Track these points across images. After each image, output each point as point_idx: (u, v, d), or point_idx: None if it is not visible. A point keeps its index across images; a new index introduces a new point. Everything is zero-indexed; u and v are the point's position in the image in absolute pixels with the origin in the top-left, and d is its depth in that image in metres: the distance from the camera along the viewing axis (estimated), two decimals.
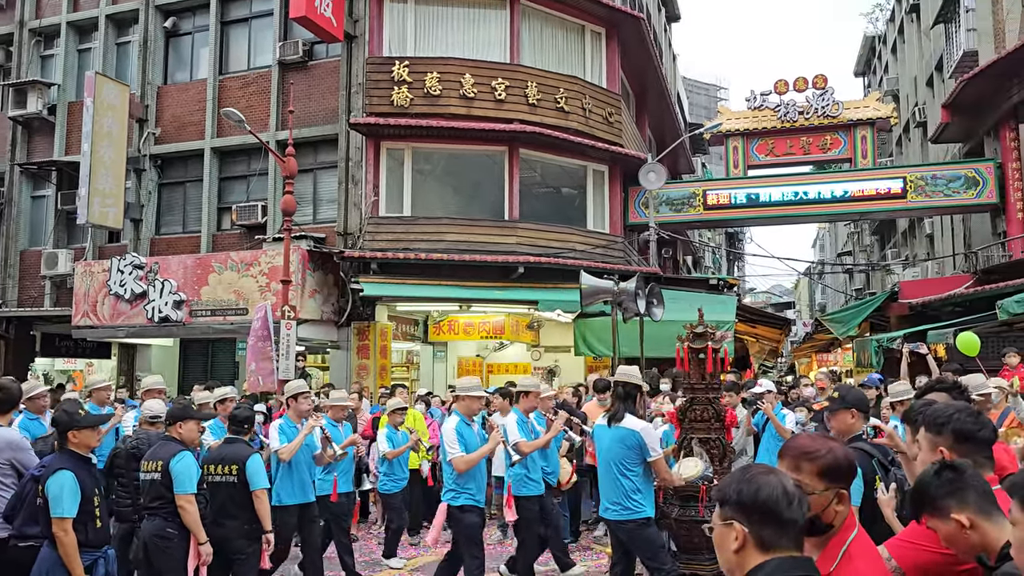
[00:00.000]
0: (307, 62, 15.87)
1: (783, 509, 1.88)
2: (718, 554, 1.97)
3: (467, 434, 6.20)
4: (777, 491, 1.89)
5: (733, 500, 1.93)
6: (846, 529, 2.28)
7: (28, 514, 4.90)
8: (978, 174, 16.39)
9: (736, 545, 1.89)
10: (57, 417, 4.94)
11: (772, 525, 1.88)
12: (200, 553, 5.32)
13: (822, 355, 28.05)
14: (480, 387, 6.55)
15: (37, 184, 18.43)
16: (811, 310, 58.13)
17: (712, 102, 47.52)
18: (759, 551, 1.88)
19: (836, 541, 2.26)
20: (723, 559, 1.96)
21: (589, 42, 17.04)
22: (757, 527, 1.88)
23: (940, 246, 23.10)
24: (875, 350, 13.93)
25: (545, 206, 16.72)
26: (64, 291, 16.76)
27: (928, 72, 23.79)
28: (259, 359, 12.36)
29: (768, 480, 1.92)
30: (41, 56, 18.77)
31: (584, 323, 14.05)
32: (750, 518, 1.89)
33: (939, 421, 2.80)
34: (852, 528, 2.28)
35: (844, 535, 2.26)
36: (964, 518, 2.24)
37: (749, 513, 1.89)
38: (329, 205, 15.71)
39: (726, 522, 1.92)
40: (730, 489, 1.95)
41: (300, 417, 6.90)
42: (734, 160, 19.07)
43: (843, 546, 2.23)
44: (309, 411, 6.99)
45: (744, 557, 1.89)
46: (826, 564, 2.21)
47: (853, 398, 4.26)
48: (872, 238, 34.92)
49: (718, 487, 2.02)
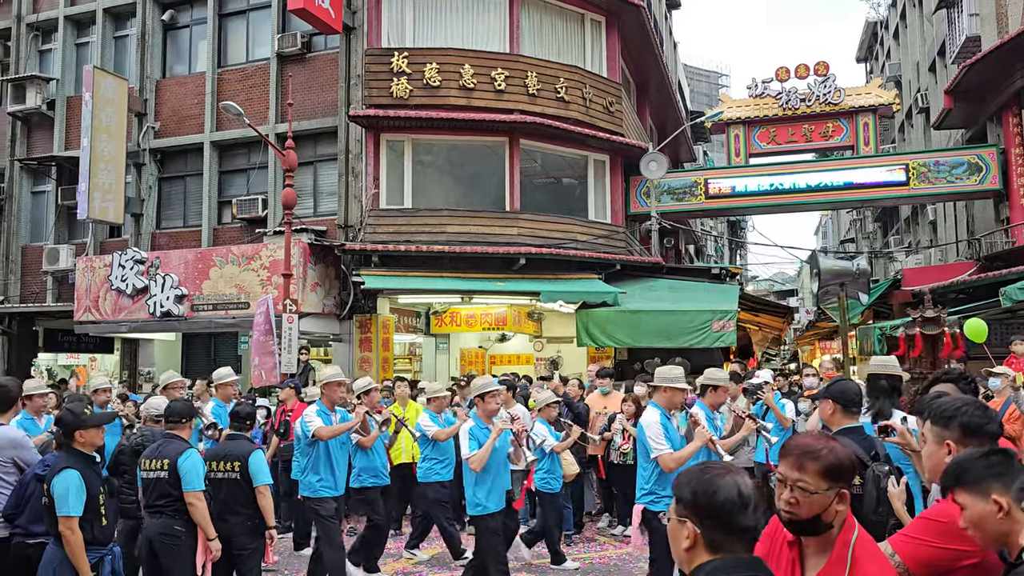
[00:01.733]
0: (306, 54, 15.81)
1: (736, 515, 1.87)
2: (671, 546, 1.99)
3: (670, 428, 5.65)
4: (732, 496, 1.88)
5: (688, 500, 1.92)
6: (847, 529, 2.27)
7: (33, 513, 4.91)
8: (981, 160, 16.31)
9: (687, 543, 1.90)
10: (63, 417, 4.94)
11: (724, 529, 1.87)
12: (210, 549, 5.34)
13: (825, 343, 28.03)
14: (681, 379, 5.83)
15: (37, 179, 18.41)
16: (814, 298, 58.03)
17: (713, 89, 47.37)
18: (708, 551, 1.88)
19: (841, 542, 2.25)
20: (674, 551, 1.98)
21: (589, 31, 16.95)
22: (709, 530, 1.88)
23: (943, 233, 23.02)
24: (878, 338, 13.88)
25: (546, 197, 16.68)
26: (66, 286, 16.77)
27: (930, 57, 23.66)
28: (262, 353, 12.36)
29: (724, 483, 1.90)
30: (39, 51, 18.71)
31: (586, 314, 14.03)
32: (703, 521, 1.89)
33: (946, 414, 2.77)
34: (853, 527, 2.28)
35: (847, 535, 2.26)
36: (1005, 501, 2.21)
37: (702, 516, 1.89)
38: (329, 198, 15.67)
39: (680, 519, 1.93)
40: (686, 488, 1.94)
41: (490, 417, 6.38)
42: (736, 148, 18.99)
43: (848, 547, 2.22)
44: (496, 410, 6.48)
45: (693, 555, 1.90)
46: (838, 569, 2.19)
47: (835, 390, 4.20)
48: (875, 225, 34.83)
49: (676, 482, 2.00)
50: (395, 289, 14.41)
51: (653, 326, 13.80)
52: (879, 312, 17.88)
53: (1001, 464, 2.28)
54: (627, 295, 14.43)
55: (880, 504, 3.77)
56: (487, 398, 6.33)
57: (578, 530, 9.55)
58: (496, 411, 6.41)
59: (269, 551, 5.93)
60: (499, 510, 6.25)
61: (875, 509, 3.77)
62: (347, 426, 6.91)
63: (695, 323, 13.48)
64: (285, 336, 12.24)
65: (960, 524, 2.32)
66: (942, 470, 2.68)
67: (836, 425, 4.17)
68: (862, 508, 3.76)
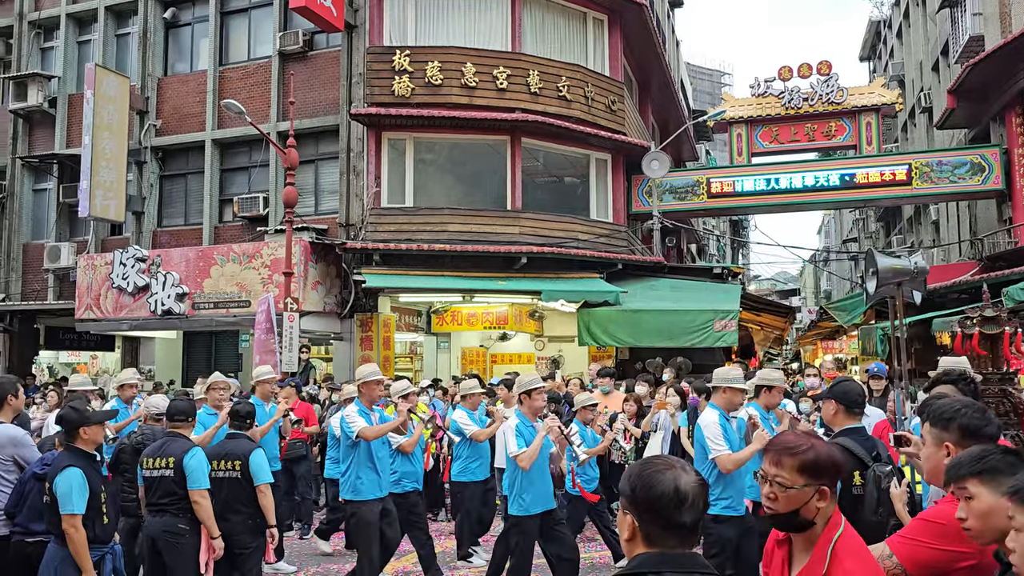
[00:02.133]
0: (307, 52, 15.80)
1: (671, 511, 1.89)
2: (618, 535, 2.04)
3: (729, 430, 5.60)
4: (668, 492, 1.90)
5: (628, 493, 1.96)
6: (832, 527, 2.28)
7: (34, 512, 4.91)
8: (984, 160, 16.27)
9: (627, 535, 1.95)
10: (65, 414, 4.93)
11: (659, 524, 1.90)
12: (213, 547, 5.35)
13: (827, 343, 27.99)
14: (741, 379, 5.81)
15: (39, 177, 18.42)
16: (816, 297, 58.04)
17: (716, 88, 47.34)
18: (644, 544, 1.93)
19: (823, 540, 2.27)
20: (621, 542, 2.02)
21: (591, 29, 16.92)
22: (645, 524, 1.92)
23: (946, 233, 22.98)
24: (880, 338, 13.87)
25: (548, 195, 16.66)
26: (67, 284, 16.77)
27: (934, 57, 23.61)
28: (263, 352, 12.35)
29: (662, 479, 1.92)
30: (41, 48, 18.72)
31: (588, 313, 14.02)
32: (640, 515, 1.92)
33: (945, 416, 2.76)
34: (838, 526, 2.28)
35: (830, 533, 2.27)
36: None
37: (640, 510, 1.92)
38: (331, 196, 15.66)
39: (623, 511, 1.97)
40: (627, 482, 1.97)
41: (535, 414, 6.28)
42: (738, 147, 18.97)
43: (830, 545, 2.23)
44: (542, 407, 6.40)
45: (632, 547, 1.95)
46: (817, 566, 2.19)
47: (839, 390, 4.20)
48: (877, 225, 34.78)
49: (623, 475, 2.03)
50: (396, 288, 14.40)
51: (654, 325, 13.79)
52: (881, 312, 17.83)
53: (1017, 464, 2.28)
54: (629, 294, 14.41)
55: (881, 505, 3.76)
56: (533, 395, 6.19)
57: (579, 529, 9.53)
58: (542, 408, 6.31)
59: (270, 550, 5.93)
60: (540, 512, 6.05)
61: (875, 510, 3.76)
62: (391, 426, 6.63)
63: (697, 323, 13.47)
64: (286, 334, 12.24)
65: (959, 514, 2.30)
66: (940, 471, 2.66)
67: (838, 425, 4.16)
68: (863, 509, 3.76)
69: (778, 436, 2.44)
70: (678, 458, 2.08)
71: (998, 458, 2.30)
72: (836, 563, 2.19)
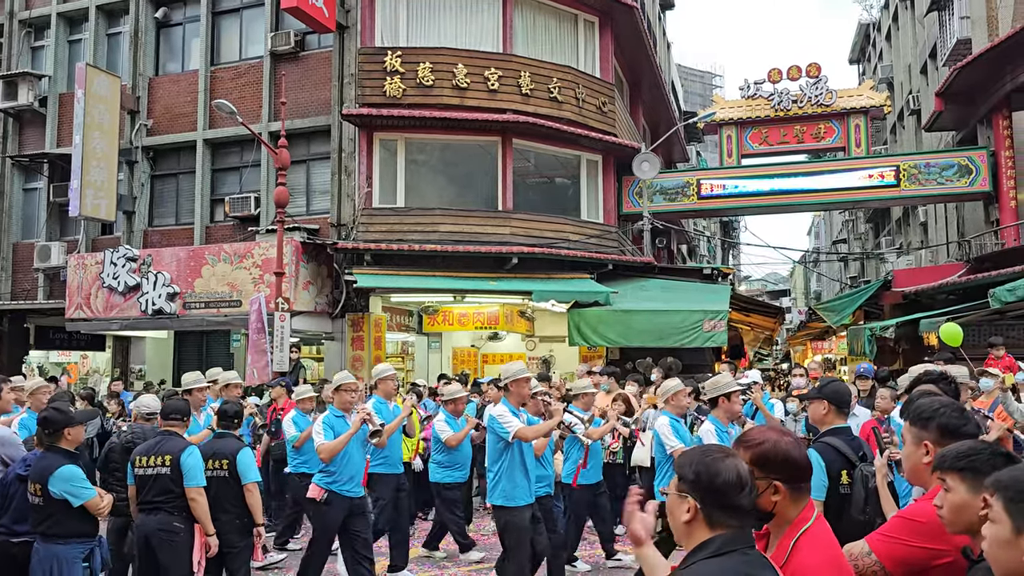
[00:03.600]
0: (299, 53, 15.81)
1: (735, 495, 2.04)
2: (669, 517, 2.15)
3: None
4: (732, 478, 2.05)
5: (690, 479, 2.07)
6: (800, 522, 2.34)
7: (17, 513, 4.95)
8: (971, 162, 16.41)
9: (687, 517, 2.06)
10: (50, 415, 4.98)
11: (722, 507, 2.03)
12: (209, 544, 5.40)
13: (817, 343, 28.16)
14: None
15: (29, 176, 18.37)
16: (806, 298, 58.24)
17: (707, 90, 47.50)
18: (706, 526, 2.04)
19: (788, 533, 2.34)
20: (673, 524, 2.13)
21: (582, 31, 16.98)
22: (708, 507, 2.04)
23: (934, 234, 23.14)
24: (868, 339, 13.98)
25: (539, 196, 16.71)
26: (58, 284, 16.72)
27: (922, 60, 23.78)
28: (254, 352, 12.36)
29: (726, 465, 2.06)
30: (31, 47, 18.66)
31: (578, 313, 14.08)
32: (704, 498, 2.05)
33: (924, 416, 2.81)
34: (806, 521, 2.34)
35: (796, 528, 2.33)
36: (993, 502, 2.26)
37: (703, 494, 2.05)
38: (322, 196, 15.67)
39: (681, 495, 2.08)
40: (689, 468, 2.09)
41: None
42: (728, 149, 19.07)
43: (793, 539, 2.31)
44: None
45: (692, 528, 2.06)
46: (779, 558, 2.25)
47: (829, 390, 4.26)
48: (866, 226, 34.97)
49: (678, 462, 2.14)
50: (387, 288, 14.43)
51: (645, 326, 13.86)
52: (869, 313, 17.97)
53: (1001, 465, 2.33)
54: (619, 295, 14.48)
55: (868, 504, 3.82)
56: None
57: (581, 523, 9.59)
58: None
59: (258, 549, 5.96)
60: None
61: (863, 509, 3.82)
62: (550, 425, 6.33)
63: (687, 323, 13.54)
64: (277, 334, 12.25)
65: (936, 501, 2.36)
66: (920, 470, 2.72)
67: (827, 425, 4.22)
68: (850, 508, 3.82)
69: (747, 430, 2.55)
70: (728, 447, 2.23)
71: (983, 459, 2.33)
72: (794, 554, 2.27)
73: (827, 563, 2.27)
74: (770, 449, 2.35)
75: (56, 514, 4.79)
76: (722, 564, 1.99)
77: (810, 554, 2.26)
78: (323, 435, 6.40)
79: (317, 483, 6.39)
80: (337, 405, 6.72)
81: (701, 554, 2.04)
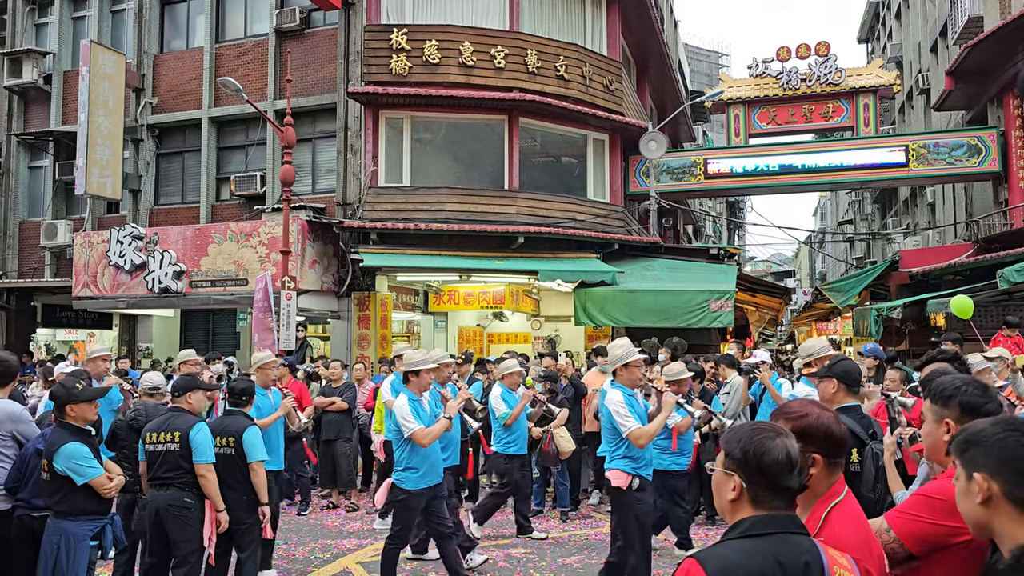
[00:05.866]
0: (304, 30, 15.71)
1: (783, 476, 2.01)
2: (714, 494, 2.12)
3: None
4: (781, 458, 2.01)
5: (738, 457, 2.04)
6: (831, 495, 2.36)
7: (36, 487, 4.99)
8: (981, 142, 16.28)
9: (733, 495, 2.04)
10: (55, 391, 5.01)
11: (769, 487, 2.01)
12: (219, 520, 5.43)
13: (822, 324, 28.12)
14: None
15: (34, 154, 18.35)
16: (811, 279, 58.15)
17: (714, 69, 47.11)
18: (751, 505, 2.02)
19: (819, 506, 2.35)
20: (718, 501, 2.11)
21: (590, 9, 16.84)
22: (755, 486, 2.02)
23: (941, 215, 23.02)
24: (874, 319, 13.94)
25: (545, 175, 16.65)
26: (64, 262, 16.76)
27: (932, 38, 23.53)
28: (260, 330, 12.39)
29: (775, 445, 2.03)
30: (35, 24, 18.57)
31: (584, 293, 14.06)
32: (750, 477, 2.02)
33: (946, 393, 2.79)
34: (837, 495, 2.36)
35: (828, 501, 2.35)
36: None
37: (750, 472, 2.02)
38: (328, 175, 15.64)
39: (727, 472, 2.06)
40: (736, 446, 2.06)
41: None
42: (735, 128, 18.95)
43: (825, 511, 2.32)
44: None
45: (737, 507, 2.04)
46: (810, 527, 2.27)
47: (840, 369, 4.25)
48: (873, 207, 34.80)
49: (725, 438, 2.12)
50: (393, 267, 14.42)
51: (651, 306, 13.84)
52: (876, 294, 17.92)
53: None
54: (625, 275, 14.45)
55: (878, 482, 3.83)
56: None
57: (575, 507, 9.63)
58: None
59: (267, 527, 5.99)
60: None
61: (873, 487, 3.84)
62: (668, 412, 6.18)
63: (693, 303, 13.52)
64: (283, 313, 12.27)
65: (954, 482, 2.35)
66: (940, 447, 2.70)
67: (837, 403, 4.22)
68: (860, 485, 3.82)
69: (787, 403, 2.55)
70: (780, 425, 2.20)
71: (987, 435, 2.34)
72: (827, 525, 2.27)
73: (859, 539, 2.28)
74: (813, 423, 2.35)
75: (63, 490, 4.81)
76: (748, 546, 1.96)
77: (842, 528, 2.27)
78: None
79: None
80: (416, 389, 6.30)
81: (731, 534, 2.02)
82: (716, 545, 2.01)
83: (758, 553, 1.93)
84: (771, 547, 1.95)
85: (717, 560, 1.93)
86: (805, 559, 1.96)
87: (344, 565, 7.43)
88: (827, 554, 2.03)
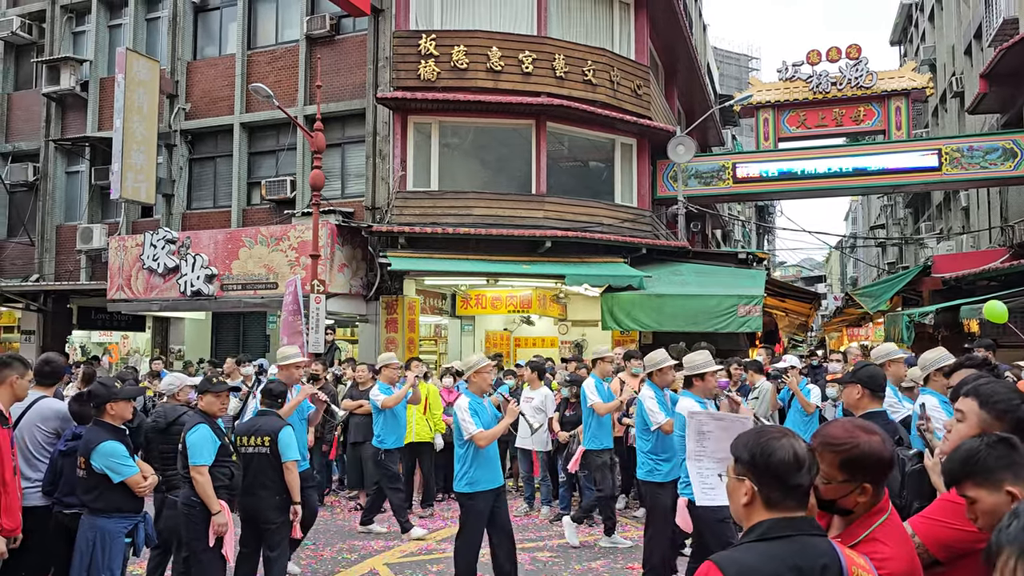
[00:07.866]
0: (334, 36, 15.88)
1: (792, 475, 2.03)
2: (729, 500, 2.14)
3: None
4: (788, 457, 2.03)
5: (746, 461, 2.07)
6: (876, 513, 2.33)
7: (66, 487, 5.10)
8: (1016, 145, 16.02)
9: (745, 500, 2.06)
10: (94, 389, 5.12)
11: (779, 488, 2.03)
12: (214, 524, 5.28)
13: (853, 329, 27.81)
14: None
15: (71, 160, 18.73)
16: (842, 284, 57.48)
17: (743, 73, 46.82)
18: (765, 508, 2.04)
19: (862, 523, 2.32)
20: (733, 507, 2.13)
21: (618, 13, 16.83)
22: (766, 488, 2.03)
23: (975, 219, 22.65)
24: (906, 325, 13.77)
25: (572, 180, 16.65)
26: (99, 265, 17.07)
27: (966, 41, 23.19)
28: (290, 333, 12.51)
29: (781, 445, 2.05)
30: (73, 32, 18.97)
31: (612, 297, 14.04)
32: (760, 479, 2.04)
33: (1000, 407, 2.75)
34: (883, 512, 2.33)
35: (872, 519, 2.31)
36: (1019, 491, 2.24)
37: (760, 475, 2.04)
38: (357, 180, 15.78)
39: (739, 477, 2.08)
40: (744, 450, 2.09)
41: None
42: (764, 132, 18.82)
43: (868, 529, 2.29)
44: None
45: (751, 511, 2.06)
46: (849, 539, 2.25)
47: (864, 374, 4.22)
48: (906, 211, 34.33)
49: (734, 444, 2.14)
50: (421, 271, 14.51)
51: (678, 310, 13.79)
52: (908, 299, 17.70)
53: (1009, 455, 2.30)
54: (653, 279, 14.41)
55: (904, 488, 3.79)
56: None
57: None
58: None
59: (296, 527, 6.06)
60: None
61: (899, 493, 3.80)
62: None
63: (721, 308, 13.45)
64: (312, 316, 12.40)
65: (968, 515, 2.33)
66: None
67: (861, 409, 4.19)
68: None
69: (827, 426, 2.44)
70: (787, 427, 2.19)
71: (986, 454, 2.31)
72: (870, 542, 2.24)
73: (902, 555, 2.26)
74: (865, 452, 2.27)
75: (99, 488, 4.92)
76: (764, 550, 1.97)
77: (888, 547, 2.24)
78: None
79: None
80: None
81: (748, 537, 2.03)
82: (734, 549, 2.03)
83: (775, 556, 1.95)
84: (788, 550, 1.96)
85: (735, 564, 1.95)
86: (823, 561, 1.96)
87: (371, 566, 7.49)
88: (845, 555, 2.02)
